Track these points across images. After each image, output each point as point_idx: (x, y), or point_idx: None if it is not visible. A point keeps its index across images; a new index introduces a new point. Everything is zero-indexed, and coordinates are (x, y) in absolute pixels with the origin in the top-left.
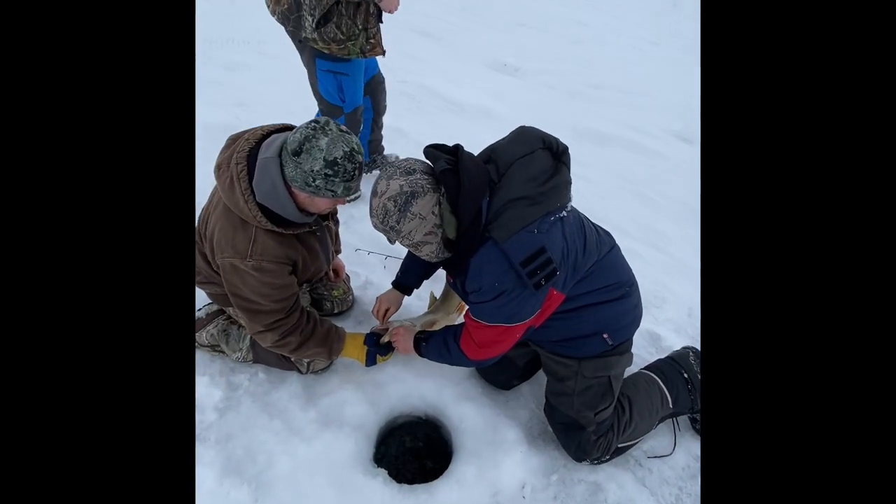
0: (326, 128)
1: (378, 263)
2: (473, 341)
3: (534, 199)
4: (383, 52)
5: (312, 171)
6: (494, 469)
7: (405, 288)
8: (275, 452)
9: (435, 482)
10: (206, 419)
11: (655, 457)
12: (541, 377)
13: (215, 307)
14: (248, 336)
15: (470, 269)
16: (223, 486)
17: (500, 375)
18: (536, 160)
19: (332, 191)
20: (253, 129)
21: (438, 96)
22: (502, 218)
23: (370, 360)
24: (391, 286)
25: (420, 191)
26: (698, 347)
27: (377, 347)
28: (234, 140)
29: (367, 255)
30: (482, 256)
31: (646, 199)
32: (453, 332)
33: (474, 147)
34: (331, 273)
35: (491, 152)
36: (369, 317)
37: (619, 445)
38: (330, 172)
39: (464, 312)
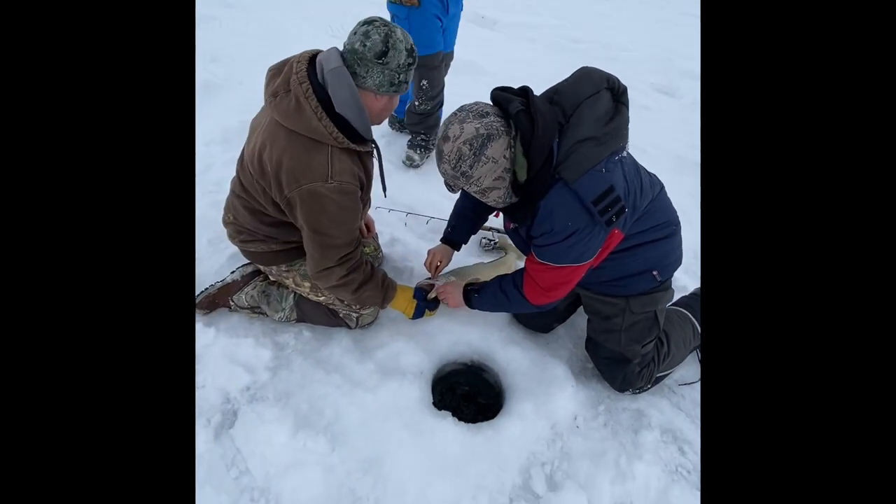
0: (387, 21)
1: (398, 221)
2: (539, 286)
3: (599, 139)
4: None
5: (399, 65)
6: (549, 404)
7: (455, 243)
8: (341, 404)
9: (497, 419)
10: (258, 379)
11: (685, 384)
12: (573, 319)
13: (250, 268)
14: (292, 295)
15: (539, 211)
16: (297, 439)
17: (541, 320)
18: (601, 100)
19: (407, 81)
20: (293, 55)
21: None
22: (571, 158)
23: (418, 314)
24: (440, 242)
25: (495, 133)
26: None
27: (425, 303)
28: (278, 69)
29: (387, 212)
30: (553, 197)
31: (640, 150)
32: (510, 279)
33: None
34: (363, 227)
35: (553, 93)
36: (399, 273)
37: (658, 374)
38: (410, 60)
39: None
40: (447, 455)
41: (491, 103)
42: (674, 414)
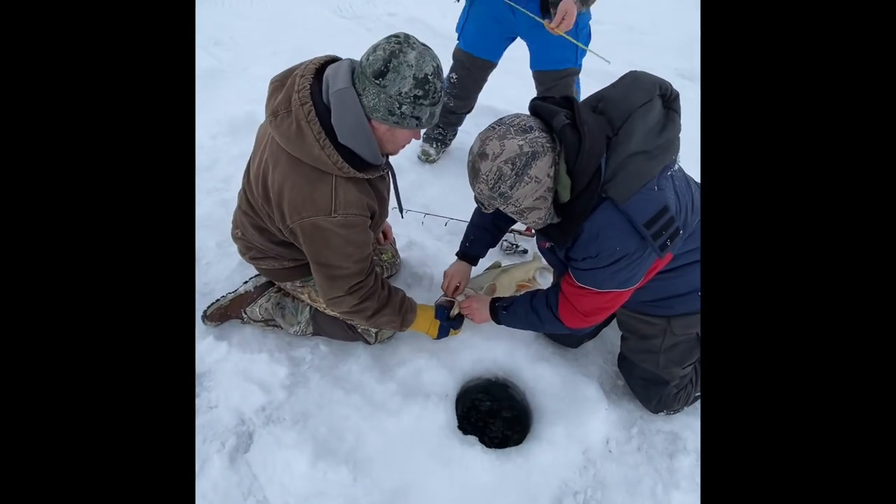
0: (410, 40)
1: (414, 221)
2: (577, 310)
3: (651, 153)
4: None
5: (401, 94)
6: (581, 427)
7: (472, 258)
8: (362, 429)
9: (526, 444)
10: (274, 398)
11: None
12: (603, 332)
13: (263, 279)
14: (307, 308)
15: (584, 233)
16: (318, 469)
17: (573, 336)
18: (654, 110)
19: (418, 118)
20: (300, 64)
21: (432, 31)
22: (620, 176)
23: (442, 334)
24: (456, 257)
25: (540, 151)
26: None
27: (449, 322)
28: (281, 81)
29: (406, 212)
30: (599, 219)
31: None
32: (543, 298)
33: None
34: (379, 235)
35: (598, 101)
36: (418, 280)
37: (696, 395)
38: (420, 93)
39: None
40: (476, 485)
41: (530, 114)
42: None
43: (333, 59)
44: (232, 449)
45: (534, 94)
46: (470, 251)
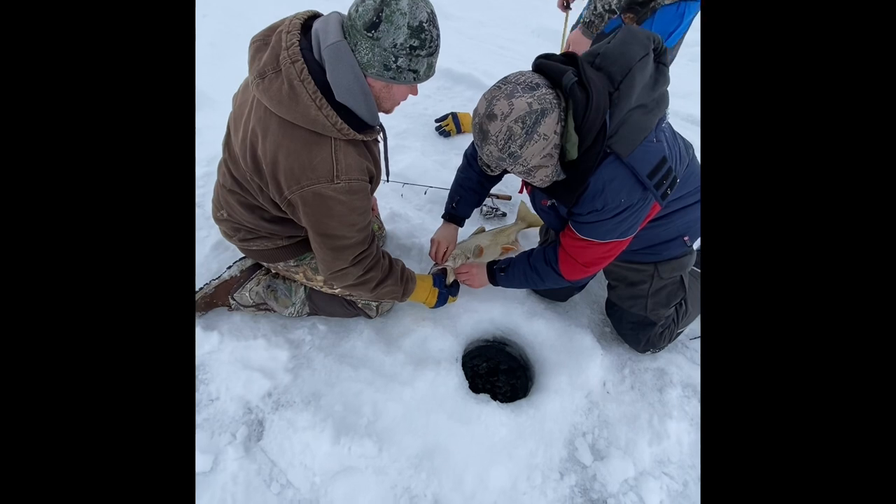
0: None
1: (392, 193)
2: (578, 262)
3: (647, 106)
4: None
5: (395, 45)
6: (581, 374)
7: (459, 219)
8: (378, 401)
9: (535, 396)
10: (280, 383)
11: (696, 338)
12: (589, 287)
13: (248, 262)
14: (302, 288)
15: (589, 188)
16: (342, 445)
17: (561, 290)
18: (648, 64)
19: (415, 71)
20: (281, 21)
21: None
22: (623, 130)
23: (440, 302)
24: (443, 220)
25: (549, 107)
26: None
27: (447, 288)
28: (264, 40)
29: (382, 184)
30: (605, 173)
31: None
32: (541, 255)
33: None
34: None
35: (595, 57)
36: (406, 251)
37: (678, 331)
38: (416, 43)
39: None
40: (497, 439)
41: (534, 72)
42: (690, 368)
43: (317, 15)
44: (244, 438)
45: (490, 53)
46: (457, 212)
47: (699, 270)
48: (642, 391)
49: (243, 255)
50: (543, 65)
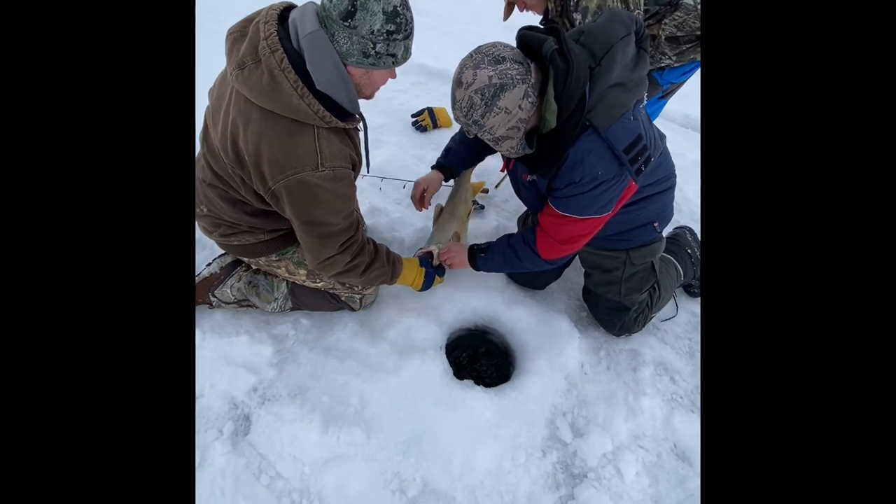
0: None
1: (371, 187)
2: (555, 240)
3: (626, 86)
4: None
5: (373, 32)
6: (560, 357)
7: (447, 170)
8: (364, 391)
9: (516, 379)
10: (265, 378)
11: (666, 319)
12: (565, 274)
13: (228, 259)
14: (284, 283)
15: (568, 160)
16: (331, 435)
17: (540, 278)
18: (630, 44)
19: (393, 55)
20: (257, 12)
21: None
22: (601, 105)
23: (427, 283)
24: (431, 168)
25: (509, 83)
26: (692, 227)
27: (434, 269)
28: (240, 31)
29: (360, 177)
30: (583, 145)
31: None
32: (520, 237)
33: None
34: None
35: (580, 35)
36: (388, 244)
37: (651, 315)
38: (392, 28)
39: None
40: (481, 422)
41: (508, 44)
42: (661, 349)
43: (292, 6)
44: (231, 434)
45: (464, 49)
46: (445, 161)
47: (670, 257)
48: (617, 371)
49: (223, 252)
50: (526, 35)
